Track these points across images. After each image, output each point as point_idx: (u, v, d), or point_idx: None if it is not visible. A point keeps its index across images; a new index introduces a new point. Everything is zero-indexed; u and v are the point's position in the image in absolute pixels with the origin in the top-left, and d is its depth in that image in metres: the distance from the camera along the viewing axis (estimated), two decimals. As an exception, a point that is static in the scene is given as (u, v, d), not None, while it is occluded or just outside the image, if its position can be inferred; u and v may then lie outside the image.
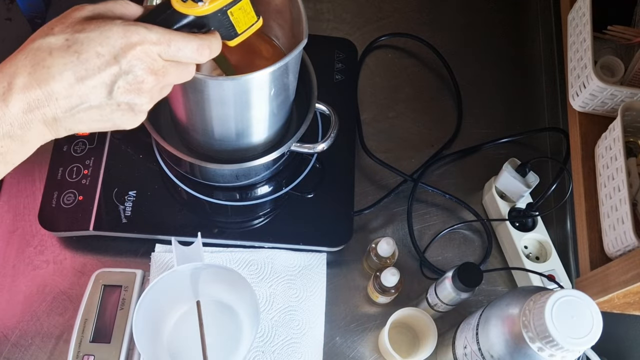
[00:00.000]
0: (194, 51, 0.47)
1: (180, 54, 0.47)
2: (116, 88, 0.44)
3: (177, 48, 0.46)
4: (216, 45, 0.50)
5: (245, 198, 0.78)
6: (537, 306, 0.52)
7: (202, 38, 0.48)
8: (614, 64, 0.79)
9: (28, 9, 0.94)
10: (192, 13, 0.49)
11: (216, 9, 0.50)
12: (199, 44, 0.48)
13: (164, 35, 0.45)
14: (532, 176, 0.76)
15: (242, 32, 0.54)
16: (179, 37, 0.46)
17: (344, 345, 0.75)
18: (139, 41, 0.44)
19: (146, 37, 0.44)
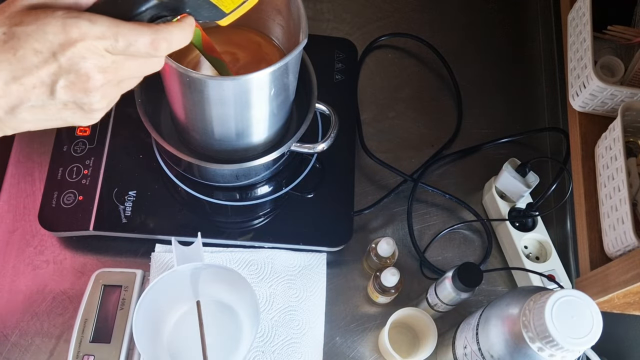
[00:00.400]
0: (148, 45, 0.42)
1: (132, 49, 0.42)
2: (58, 87, 0.40)
3: (127, 43, 0.41)
4: (179, 36, 0.45)
5: (245, 198, 0.78)
6: (537, 306, 0.52)
7: (157, 30, 0.43)
8: (614, 64, 0.79)
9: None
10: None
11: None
12: (153, 37, 0.43)
13: (110, 28, 0.41)
14: (532, 176, 0.76)
15: (232, 11, 0.49)
16: (127, 29, 0.41)
17: (344, 345, 0.75)
18: (80, 36, 0.39)
19: (88, 31, 0.40)
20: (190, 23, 0.46)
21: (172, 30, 0.44)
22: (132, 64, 0.43)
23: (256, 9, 0.69)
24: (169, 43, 0.44)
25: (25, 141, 0.81)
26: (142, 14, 0.43)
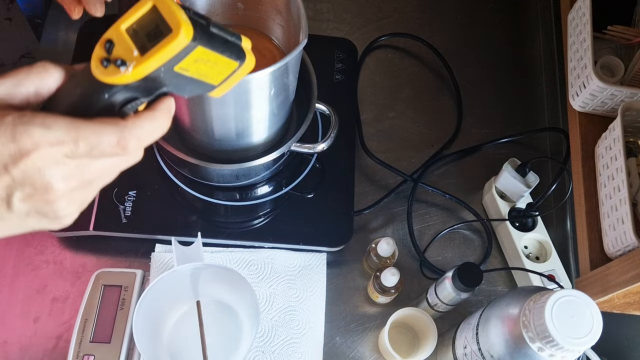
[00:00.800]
0: (114, 146, 0.37)
1: (96, 151, 0.37)
2: (15, 200, 0.36)
3: (89, 146, 0.36)
4: (151, 129, 0.39)
5: (245, 198, 0.78)
6: (537, 306, 0.52)
7: (124, 128, 0.38)
8: (614, 64, 0.79)
9: (28, 9, 0.94)
10: (115, 82, 0.38)
11: (145, 73, 0.37)
12: (119, 136, 0.37)
13: (68, 132, 0.36)
14: (532, 176, 0.76)
15: (221, 83, 0.44)
16: (89, 131, 0.36)
17: (344, 345, 0.75)
18: (33, 146, 0.35)
19: (42, 139, 0.35)
20: (165, 109, 0.41)
21: (141, 124, 0.39)
22: (100, 164, 0.39)
23: (256, 9, 0.70)
24: (139, 140, 0.39)
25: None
26: (108, 103, 0.38)
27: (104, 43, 0.38)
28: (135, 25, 0.38)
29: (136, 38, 0.38)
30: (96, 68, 0.37)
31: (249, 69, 0.44)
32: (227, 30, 0.41)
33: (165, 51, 0.37)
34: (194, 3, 0.68)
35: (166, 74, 0.39)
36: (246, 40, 0.43)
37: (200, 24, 0.38)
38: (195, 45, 0.38)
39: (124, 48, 0.37)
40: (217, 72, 0.42)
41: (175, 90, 0.41)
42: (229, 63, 0.42)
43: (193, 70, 0.40)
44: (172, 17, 0.37)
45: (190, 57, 0.38)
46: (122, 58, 0.37)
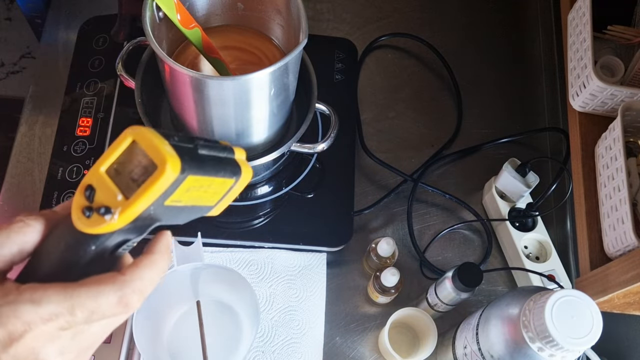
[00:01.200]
0: (115, 305, 0.35)
1: (95, 316, 0.34)
2: None
3: (88, 312, 0.34)
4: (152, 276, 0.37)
5: (245, 198, 0.78)
6: (537, 306, 0.52)
7: (124, 284, 0.35)
8: (614, 64, 0.79)
9: (28, 9, 0.94)
10: (100, 232, 0.34)
11: (133, 217, 0.34)
12: (120, 295, 0.35)
13: (62, 303, 0.33)
14: (532, 176, 0.76)
15: (219, 202, 0.41)
16: (85, 296, 0.33)
17: (344, 345, 0.75)
18: (24, 328, 0.32)
19: (34, 318, 0.32)
20: (164, 248, 0.39)
21: (141, 274, 0.36)
22: (98, 326, 0.36)
23: (256, 9, 0.70)
24: (141, 292, 0.36)
25: (26, 141, 0.81)
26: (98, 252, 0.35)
27: (83, 190, 0.34)
28: (116, 165, 0.34)
29: (118, 179, 0.34)
30: (78, 219, 0.34)
31: (246, 182, 0.41)
32: (217, 146, 0.38)
33: (152, 191, 0.33)
34: (194, 3, 0.68)
35: (157, 210, 0.35)
36: (239, 151, 0.40)
37: (187, 151, 0.35)
38: (184, 176, 0.34)
39: (106, 193, 0.34)
40: (212, 194, 0.39)
41: (169, 221, 0.38)
42: (224, 182, 0.39)
43: (186, 200, 0.37)
44: (155, 151, 0.33)
45: (181, 189, 0.35)
46: (106, 205, 0.33)
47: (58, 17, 0.89)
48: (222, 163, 0.38)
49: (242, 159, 0.41)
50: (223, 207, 0.42)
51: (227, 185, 0.40)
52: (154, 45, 0.58)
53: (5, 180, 0.79)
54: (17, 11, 1.41)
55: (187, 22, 0.61)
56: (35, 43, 1.34)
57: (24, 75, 1.43)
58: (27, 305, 0.32)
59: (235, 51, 0.70)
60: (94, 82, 0.82)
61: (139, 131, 0.34)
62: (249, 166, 0.41)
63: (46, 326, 0.32)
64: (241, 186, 0.41)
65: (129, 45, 0.72)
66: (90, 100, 0.81)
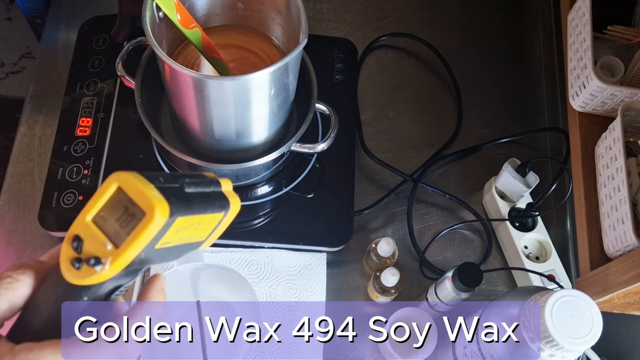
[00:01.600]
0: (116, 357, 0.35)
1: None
2: None
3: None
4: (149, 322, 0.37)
5: (245, 198, 0.78)
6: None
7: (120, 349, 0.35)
8: (614, 64, 0.79)
9: (28, 9, 0.94)
10: (92, 282, 0.34)
11: (124, 266, 0.34)
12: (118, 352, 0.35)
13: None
14: (532, 176, 0.76)
15: (208, 236, 0.40)
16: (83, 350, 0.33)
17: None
18: None
19: None
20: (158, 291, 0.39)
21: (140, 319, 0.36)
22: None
23: (256, 9, 0.70)
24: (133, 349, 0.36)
25: (26, 141, 0.81)
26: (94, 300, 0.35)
27: (70, 240, 0.34)
28: (103, 213, 0.34)
29: (106, 228, 0.33)
30: (67, 272, 0.33)
31: (235, 212, 0.40)
32: (203, 181, 0.38)
33: (142, 238, 0.33)
34: (194, 3, 0.68)
35: (148, 255, 0.34)
36: (225, 183, 0.40)
37: (173, 192, 0.34)
38: (174, 219, 0.34)
39: (94, 243, 0.33)
40: (202, 230, 0.38)
41: (160, 262, 0.38)
42: (213, 217, 0.38)
43: (176, 240, 0.36)
44: (142, 197, 0.33)
45: (171, 231, 0.34)
46: (95, 255, 0.33)
47: (58, 17, 0.89)
48: (210, 198, 0.38)
49: (229, 191, 0.40)
50: (212, 241, 0.41)
51: (217, 220, 0.39)
52: (154, 45, 0.58)
53: (5, 180, 0.79)
54: (17, 11, 1.41)
55: (187, 22, 0.61)
56: (35, 43, 1.34)
57: (24, 75, 1.43)
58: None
59: (235, 51, 0.70)
60: (94, 82, 0.82)
61: (123, 177, 0.34)
62: (236, 197, 0.41)
63: None
64: (230, 218, 0.40)
65: (129, 45, 0.72)
66: (90, 100, 0.80)
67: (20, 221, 0.77)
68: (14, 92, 1.43)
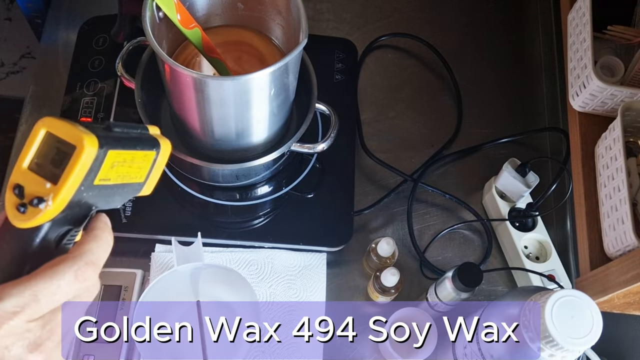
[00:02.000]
0: (73, 282, 0.36)
1: (57, 297, 0.35)
2: None
3: (50, 294, 0.34)
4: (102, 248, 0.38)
5: (245, 198, 0.78)
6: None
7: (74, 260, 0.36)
8: (614, 64, 0.79)
9: (28, 9, 0.94)
10: (40, 222, 0.35)
11: (68, 198, 0.35)
12: (75, 270, 0.36)
13: (22, 293, 0.34)
14: (532, 176, 0.76)
15: (147, 177, 0.42)
16: (42, 282, 0.34)
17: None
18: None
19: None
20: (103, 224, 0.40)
21: (88, 248, 0.38)
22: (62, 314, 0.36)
23: (256, 9, 0.70)
24: (94, 264, 0.38)
25: (26, 141, 0.80)
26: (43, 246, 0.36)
27: (12, 189, 0.35)
28: (37, 159, 0.35)
29: (42, 171, 0.35)
30: (15, 218, 0.35)
31: (167, 152, 0.42)
32: (130, 125, 0.40)
33: (77, 169, 0.34)
34: (194, 3, 0.68)
35: (88, 192, 0.36)
36: (153, 128, 0.42)
37: (100, 130, 0.36)
38: (105, 151, 0.35)
39: (34, 185, 0.35)
40: (137, 169, 0.40)
41: (104, 204, 0.39)
42: (146, 155, 0.40)
43: (114, 177, 0.37)
44: (71, 134, 0.35)
45: (106, 165, 0.36)
46: (37, 195, 0.34)
47: (58, 17, 0.89)
48: (139, 138, 0.40)
49: (157, 134, 0.42)
50: (153, 184, 0.43)
51: (150, 158, 0.41)
52: (154, 45, 0.58)
53: (6, 180, 0.79)
54: (17, 11, 1.41)
55: (187, 22, 0.61)
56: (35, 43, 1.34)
57: (24, 75, 1.43)
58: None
59: (235, 51, 0.70)
60: (94, 82, 0.82)
61: (50, 121, 0.35)
62: (166, 140, 0.43)
63: (14, 321, 0.33)
64: (164, 158, 0.42)
65: (129, 45, 0.72)
66: (90, 100, 0.80)
67: (20, 221, 0.76)
68: (14, 92, 1.43)
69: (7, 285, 0.34)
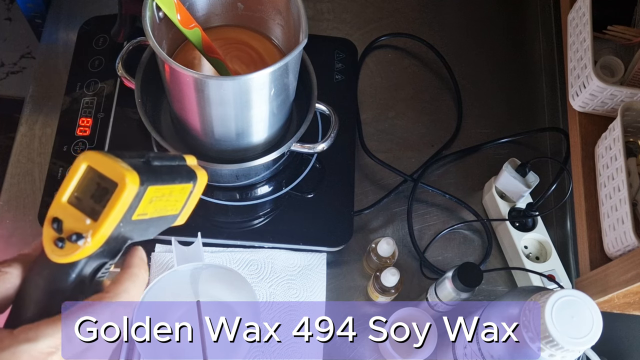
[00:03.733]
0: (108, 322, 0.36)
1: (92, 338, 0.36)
2: None
3: None
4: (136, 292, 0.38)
5: (245, 198, 0.78)
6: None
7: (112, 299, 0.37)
8: (614, 64, 0.79)
9: (28, 9, 0.94)
10: (77, 258, 0.35)
11: (106, 236, 0.35)
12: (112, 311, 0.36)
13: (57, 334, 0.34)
14: (532, 176, 0.76)
15: (182, 208, 0.42)
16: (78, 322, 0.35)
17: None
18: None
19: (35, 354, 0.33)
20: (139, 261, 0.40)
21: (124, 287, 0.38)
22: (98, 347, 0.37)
23: (256, 9, 0.70)
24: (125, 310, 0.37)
25: (26, 141, 0.81)
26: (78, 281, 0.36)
27: (50, 223, 0.35)
28: (77, 193, 0.35)
29: (82, 206, 0.35)
30: (52, 252, 0.35)
31: (204, 184, 0.43)
32: (168, 156, 0.40)
33: (118, 207, 0.34)
34: (194, 3, 0.68)
35: (126, 227, 0.36)
36: (190, 158, 0.42)
37: (141, 165, 0.36)
38: (145, 188, 0.36)
39: (73, 221, 0.35)
40: (174, 202, 0.40)
41: (139, 237, 0.39)
42: (183, 188, 0.40)
43: (151, 211, 0.38)
44: (112, 170, 0.35)
45: (145, 201, 0.36)
46: (76, 231, 0.34)
47: (58, 17, 0.89)
48: (177, 170, 0.40)
49: (194, 164, 0.43)
50: (187, 214, 0.43)
51: (187, 191, 0.41)
52: (154, 45, 0.58)
53: (5, 180, 0.79)
54: (17, 11, 1.41)
55: (187, 22, 0.61)
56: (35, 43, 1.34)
57: (24, 75, 1.43)
58: (24, 345, 0.33)
59: (235, 51, 0.70)
60: (94, 82, 0.82)
61: (91, 156, 0.35)
62: (202, 170, 0.43)
63: None
64: (200, 189, 0.43)
65: (129, 45, 0.72)
66: (90, 100, 0.81)
67: (20, 221, 0.77)
68: (14, 92, 1.43)
69: (41, 324, 0.34)
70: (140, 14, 0.58)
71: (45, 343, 0.33)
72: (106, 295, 0.37)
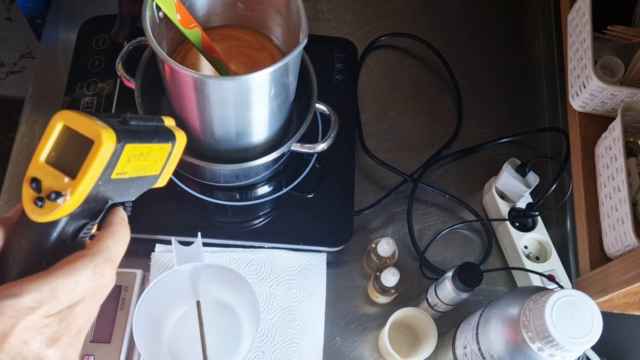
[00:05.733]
0: (91, 278, 0.36)
1: (75, 294, 0.35)
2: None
3: (68, 291, 0.35)
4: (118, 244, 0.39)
5: (245, 198, 0.78)
6: (537, 306, 0.52)
7: (93, 256, 0.36)
8: (614, 64, 0.79)
9: (28, 9, 0.94)
10: (57, 216, 0.35)
11: (85, 194, 0.35)
12: (93, 266, 0.36)
13: (41, 289, 0.34)
14: (532, 176, 0.76)
15: (162, 169, 0.42)
16: (61, 277, 0.35)
17: (344, 345, 0.75)
18: (10, 322, 0.32)
19: (18, 309, 0.33)
20: (120, 219, 0.40)
21: (106, 244, 0.38)
22: (83, 307, 0.37)
23: (256, 9, 0.70)
24: (112, 260, 0.38)
25: (26, 141, 0.81)
26: (59, 240, 0.36)
27: (29, 183, 0.35)
28: (54, 152, 0.35)
29: (60, 165, 0.35)
30: (32, 212, 0.35)
31: (183, 144, 0.42)
32: (145, 117, 0.40)
33: (95, 164, 0.34)
34: (194, 3, 0.68)
35: (105, 186, 0.36)
36: (168, 119, 0.42)
37: (117, 123, 0.36)
38: (122, 145, 0.35)
39: (52, 179, 0.35)
40: (153, 162, 0.40)
41: (120, 197, 0.39)
42: (162, 147, 0.40)
43: (130, 170, 0.38)
44: (88, 128, 0.35)
45: (123, 159, 0.36)
46: (55, 190, 0.34)
47: (58, 17, 0.89)
48: (154, 130, 0.40)
49: (172, 125, 0.42)
50: (168, 176, 0.43)
51: (166, 151, 0.41)
52: (154, 45, 0.58)
53: (5, 180, 0.79)
54: (17, 11, 1.41)
55: (187, 22, 0.61)
56: (35, 43, 1.34)
57: (24, 75, 1.43)
58: (7, 300, 0.33)
59: (235, 51, 0.70)
60: (94, 82, 0.82)
61: (67, 114, 0.35)
62: (181, 131, 0.43)
63: (32, 316, 0.33)
64: (179, 150, 0.42)
65: (129, 45, 0.72)
66: (90, 100, 0.81)
67: (20, 221, 0.76)
68: (14, 92, 1.43)
69: (24, 280, 0.34)
70: (140, 14, 0.58)
71: (29, 298, 0.34)
72: (87, 252, 0.37)
